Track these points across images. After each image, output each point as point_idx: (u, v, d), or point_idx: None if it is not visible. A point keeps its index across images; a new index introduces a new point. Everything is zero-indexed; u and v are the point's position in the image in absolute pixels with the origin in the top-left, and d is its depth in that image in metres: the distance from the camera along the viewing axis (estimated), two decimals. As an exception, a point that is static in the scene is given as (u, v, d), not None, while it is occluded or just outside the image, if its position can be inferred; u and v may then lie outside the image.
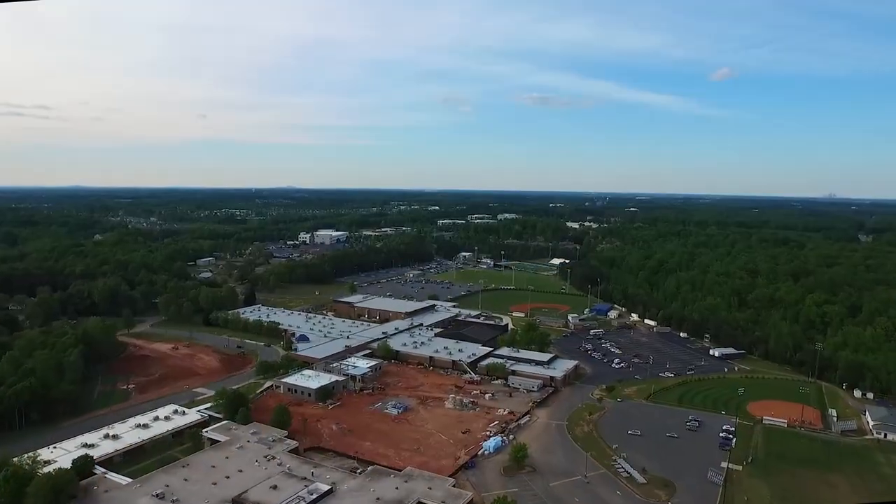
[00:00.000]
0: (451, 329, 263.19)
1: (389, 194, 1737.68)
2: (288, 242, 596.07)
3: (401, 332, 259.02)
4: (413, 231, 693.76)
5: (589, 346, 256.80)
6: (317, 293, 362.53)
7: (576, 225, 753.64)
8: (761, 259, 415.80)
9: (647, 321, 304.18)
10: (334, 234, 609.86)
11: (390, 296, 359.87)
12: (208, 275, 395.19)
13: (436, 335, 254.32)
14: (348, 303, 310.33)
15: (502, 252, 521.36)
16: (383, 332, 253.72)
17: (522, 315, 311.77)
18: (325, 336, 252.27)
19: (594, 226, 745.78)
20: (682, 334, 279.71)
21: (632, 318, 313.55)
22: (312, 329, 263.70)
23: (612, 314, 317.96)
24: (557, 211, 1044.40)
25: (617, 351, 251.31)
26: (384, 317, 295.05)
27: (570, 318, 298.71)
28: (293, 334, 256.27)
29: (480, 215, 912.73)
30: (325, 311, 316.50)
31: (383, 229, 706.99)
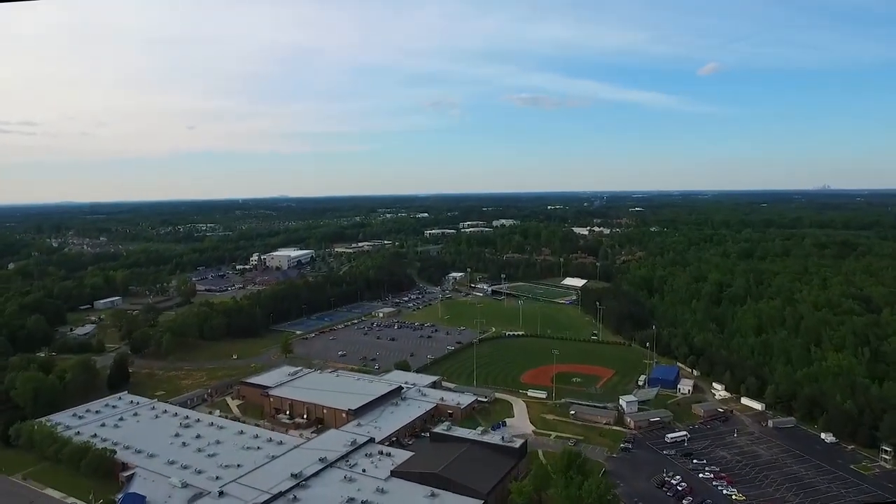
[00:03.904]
0: (425, 457, 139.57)
1: (381, 200, 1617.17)
2: (237, 267, 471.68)
3: (330, 466, 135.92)
4: (395, 245, 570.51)
5: (677, 480, 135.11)
6: (234, 357, 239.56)
7: (584, 231, 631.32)
8: (859, 278, 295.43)
9: (745, 400, 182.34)
10: (294, 254, 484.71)
11: (343, 355, 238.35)
12: (89, 329, 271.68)
13: (394, 472, 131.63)
14: (262, 388, 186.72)
15: (503, 274, 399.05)
16: (294, 475, 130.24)
17: (543, 396, 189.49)
18: (184, 485, 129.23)
19: (606, 231, 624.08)
20: (824, 436, 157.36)
21: (716, 394, 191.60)
22: (175, 461, 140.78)
23: (685, 386, 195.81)
24: (558, 214, 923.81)
25: (737, 496, 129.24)
26: (315, 415, 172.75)
27: (623, 403, 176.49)
28: (129, 477, 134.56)
29: (473, 222, 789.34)
30: (233, 394, 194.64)
31: (360, 244, 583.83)
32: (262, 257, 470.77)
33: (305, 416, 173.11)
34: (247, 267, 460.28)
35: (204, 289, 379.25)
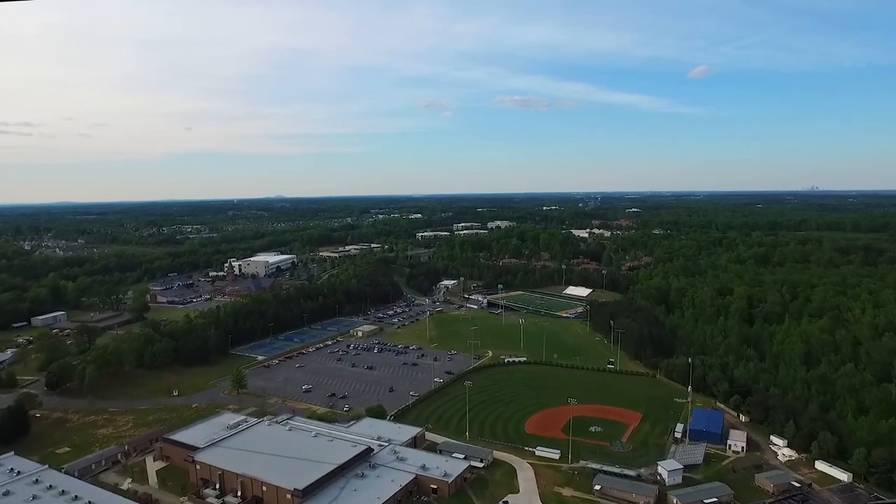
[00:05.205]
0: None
1: (375, 201, 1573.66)
2: (210, 274, 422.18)
3: None
4: (384, 249, 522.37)
5: None
6: (174, 393, 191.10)
7: (584, 233, 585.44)
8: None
9: (820, 465, 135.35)
10: (272, 260, 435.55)
11: (308, 391, 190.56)
12: (9, 356, 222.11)
13: None
14: (188, 448, 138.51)
15: (499, 283, 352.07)
16: None
17: (555, 456, 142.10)
18: None
19: (606, 234, 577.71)
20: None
21: (778, 452, 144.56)
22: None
23: (736, 441, 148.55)
24: (554, 215, 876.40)
25: None
26: (252, 492, 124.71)
27: (664, 471, 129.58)
28: None
29: (468, 224, 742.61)
30: (155, 453, 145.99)
31: (346, 248, 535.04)
32: (234, 263, 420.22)
33: (240, 494, 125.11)
34: (220, 274, 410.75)
35: (166, 300, 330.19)
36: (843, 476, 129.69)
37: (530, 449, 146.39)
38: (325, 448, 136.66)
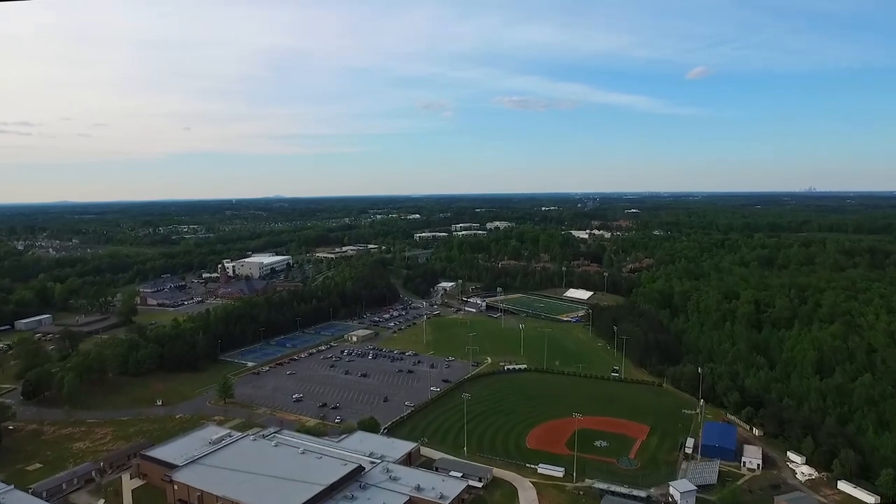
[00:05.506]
0: None
1: (373, 201, 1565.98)
2: (204, 275, 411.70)
3: None
4: (381, 250, 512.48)
5: None
6: (158, 402, 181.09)
7: (584, 234, 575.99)
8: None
9: (843, 486, 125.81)
10: (267, 261, 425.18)
11: (298, 400, 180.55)
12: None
13: None
14: (166, 465, 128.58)
15: (499, 286, 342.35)
16: None
17: (559, 474, 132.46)
18: None
19: (607, 235, 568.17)
20: None
21: (797, 471, 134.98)
22: None
23: (751, 458, 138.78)
24: (553, 215, 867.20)
25: None
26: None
27: (676, 493, 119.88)
28: None
29: (466, 224, 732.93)
30: (132, 470, 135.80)
31: (343, 249, 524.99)
32: (227, 265, 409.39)
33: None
34: (213, 275, 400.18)
35: (156, 303, 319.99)
36: (869, 499, 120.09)
37: (532, 466, 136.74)
38: (313, 466, 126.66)
